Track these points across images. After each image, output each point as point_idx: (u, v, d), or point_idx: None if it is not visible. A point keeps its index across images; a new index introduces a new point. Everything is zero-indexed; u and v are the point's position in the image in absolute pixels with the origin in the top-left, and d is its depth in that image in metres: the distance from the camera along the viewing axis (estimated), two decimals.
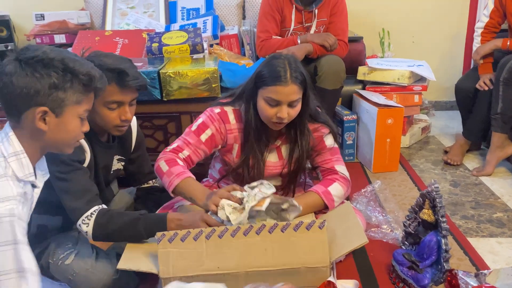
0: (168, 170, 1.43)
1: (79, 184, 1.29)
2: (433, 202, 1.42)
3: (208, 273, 1.20)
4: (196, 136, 1.51)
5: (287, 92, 1.38)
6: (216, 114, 1.52)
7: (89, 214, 1.28)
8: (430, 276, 1.39)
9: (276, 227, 1.24)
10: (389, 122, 2.28)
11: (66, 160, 1.28)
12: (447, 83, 3.32)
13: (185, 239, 1.24)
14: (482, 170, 2.30)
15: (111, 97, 1.30)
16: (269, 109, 1.41)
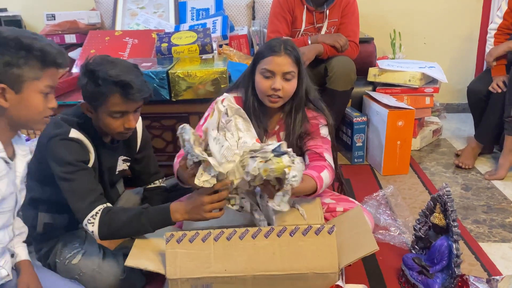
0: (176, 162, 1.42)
1: (84, 184, 1.29)
2: (444, 206, 1.39)
3: (215, 275, 1.19)
4: (199, 126, 1.52)
5: (280, 62, 1.45)
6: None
7: (94, 213, 1.28)
8: (440, 281, 1.36)
9: (285, 231, 1.24)
10: (399, 124, 2.25)
11: (72, 161, 1.29)
12: (459, 85, 3.27)
13: (193, 240, 1.23)
14: (494, 174, 2.26)
15: (115, 108, 1.30)
16: (265, 81, 1.47)
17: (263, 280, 1.19)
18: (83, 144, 1.33)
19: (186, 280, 1.20)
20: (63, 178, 1.29)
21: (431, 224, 1.45)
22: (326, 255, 1.21)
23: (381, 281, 1.49)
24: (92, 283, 1.34)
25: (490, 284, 1.37)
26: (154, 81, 1.93)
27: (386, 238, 1.71)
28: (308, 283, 1.20)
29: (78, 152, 1.31)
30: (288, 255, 1.21)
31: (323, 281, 1.20)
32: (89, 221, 1.28)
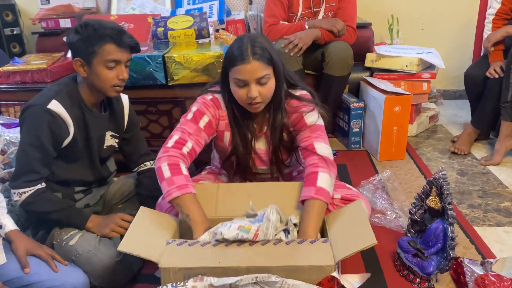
0: (169, 177, 1.33)
1: (34, 162, 1.35)
2: (440, 190, 1.40)
3: (209, 266, 1.18)
4: (194, 124, 1.44)
5: (250, 70, 1.33)
6: (209, 100, 1.48)
7: (25, 190, 1.35)
8: (435, 263, 1.37)
9: (281, 242, 1.24)
10: (396, 110, 2.25)
11: (39, 134, 1.33)
12: (456, 72, 3.27)
13: (192, 245, 1.23)
14: (490, 159, 2.27)
15: (110, 56, 1.35)
16: (239, 90, 1.38)
17: (256, 271, 1.16)
18: (59, 118, 1.36)
19: (179, 270, 1.18)
20: (22, 145, 1.36)
21: (427, 208, 1.46)
22: (321, 252, 1.20)
23: (377, 264, 1.50)
24: (88, 264, 1.35)
25: (484, 266, 1.39)
26: (150, 65, 1.92)
27: (382, 222, 1.73)
28: (304, 276, 1.18)
29: (50, 127, 1.35)
30: (282, 253, 1.21)
31: (319, 274, 1.18)
32: (18, 194, 1.35)
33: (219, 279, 1.13)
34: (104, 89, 1.41)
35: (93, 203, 1.55)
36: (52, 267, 1.28)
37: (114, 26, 1.37)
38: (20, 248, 1.27)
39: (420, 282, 1.39)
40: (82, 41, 1.34)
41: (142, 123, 2.04)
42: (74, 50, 1.38)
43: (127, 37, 1.37)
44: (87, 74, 1.39)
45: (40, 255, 1.29)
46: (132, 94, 1.96)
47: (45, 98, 1.36)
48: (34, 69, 2.04)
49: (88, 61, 1.36)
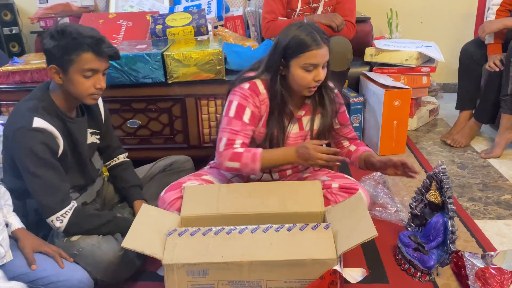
0: (240, 164, 1.45)
1: (52, 181, 1.31)
2: (440, 184, 1.40)
3: (211, 262, 1.19)
4: (238, 120, 1.49)
5: (323, 54, 1.44)
6: (247, 90, 1.51)
7: (64, 212, 1.33)
8: (436, 257, 1.38)
9: (283, 227, 1.26)
10: (396, 104, 2.25)
11: (39, 154, 1.29)
12: (456, 65, 3.24)
13: (194, 234, 1.25)
14: (490, 152, 2.27)
15: (87, 65, 1.32)
16: (307, 75, 1.45)
17: (260, 266, 1.19)
18: (47, 132, 1.32)
19: (182, 266, 1.20)
20: (30, 172, 1.30)
21: (427, 202, 1.46)
22: (324, 244, 1.22)
23: (378, 258, 1.51)
24: (91, 258, 1.35)
25: (485, 259, 1.39)
26: (149, 63, 1.92)
27: (383, 215, 1.73)
28: (306, 270, 1.20)
29: (43, 144, 1.30)
30: (286, 245, 1.22)
31: (321, 267, 1.19)
32: (57, 219, 1.32)
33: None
34: (81, 98, 1.38)
35: (90, 200, 1.55)
36: (59, 263, 1.29)
37: (93, 35, 1.32)
38: (27, 245, 1.29)
39: (421, 276, 1.39)
40: (59, 48, 1.30)
41: (142, 121, 2.05)
42: (50, 57, 1.33)
43: (106, 46, 1.33)
44: (63, 82, 1.35)
45: (47, 252, 1.30)
46: (132, 92, 2.00)
47: (26, 118, 1.30)
48: (34, 69, 2.04)
49: (64, 69, 1.32)
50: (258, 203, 1.41)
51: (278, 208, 1.40)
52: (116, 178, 1.67)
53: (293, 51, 1.45)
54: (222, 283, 1.22)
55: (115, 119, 2.02)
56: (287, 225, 1.27)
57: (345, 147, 1.69)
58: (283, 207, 1.40)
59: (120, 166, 1.67)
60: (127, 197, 1.64)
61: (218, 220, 1.37)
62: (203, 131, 2.06)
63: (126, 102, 2.02)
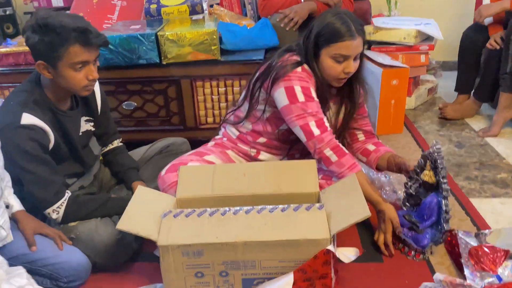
0: (337, 161, 1.43)
1: (45, 176, 1.32)
2: (434, 164, 1.40)
3: (206, 242, 1.20)
4: (311, 101, 1.44)
5: (356, 45, 1.40)
6: (302, 72, 1.46)
7: (59, 204, 1.34)
8: (429, 236, 1.39)
9: (277, 208, 1.27)
10: (394, 83, 2.23)
11: (29, 150, 1.28)
12: (455, 42, 3.18)
13: (189, 216, 1.25)
14: (488, 131, 2.27)
15: (76, 58, 1.27)
16: (337, 66, 1.43)
17: (254, 246, 1.20)
18: (37, 128, 1.30)
19: (177, 247, 1.21)
20: (21, 167, 1.30)
21: (421, 182, 1.46)
22: (318, 224, 1.22)
23: (373, 237, 1.52)
24: (89, 242, 1.37)
25: (478, 238, 1.40)
26: (143, 44, 1.89)
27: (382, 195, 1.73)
28: (300, 249, 1.21)
29: (33, 140, 1.29)
30: (280, 225, 1.23)
31: (315, 247, 1.20)
32: (53, 211, 1.35)
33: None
34: (74, 90, 1.35)
35: (87, 184, 1.55)
36: (59, 245, 1.31)
37: (78, 26, 1.24)
38: (28, 227, 1.30)
39: (415, 255, 1.41)
40: (44, 44, 1.24)
41: (138, 103, 2.04)
42: (36, 53, 1.28)
43: (93, 36, 1.27)
44: (53, 77, 1.31)
45: (48, 234, 1.33)
46: (126, 74, 1.98)
47: (14, 114, 1.28)
48: (27, 51, 2.01)
49: (53, 65, 1.27)
50: (253, 184, 1.41)
51: (273, 189, 1.40)
52: (111, 163, 1.67)
53: (325, 39, 1.41)
54: (217, 263, 1.24)
55: (110, 101, 2.00)
56: (281, 206, 1.28)
57: (359, 141, 1.67)
58: (278, 188, 1.40)
59: (114, 151, 1.67)
60: (125, 180, 1.64)
61: (214, 202, 1.38)
62: (199, 112, 2.05)
63: (121, 83, 2.00)
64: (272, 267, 1.24)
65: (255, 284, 1.27)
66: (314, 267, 1.21)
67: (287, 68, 1.45)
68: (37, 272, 1.28)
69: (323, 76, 1.47)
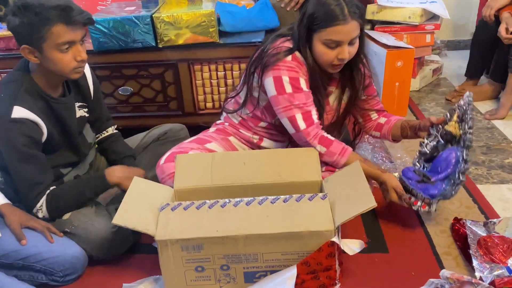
0: (326, 151, 1.41)
1: (31, 175, 1.28)
2: (462, 116, 1.32)
3: (206, 236, 1.16)
4: (299, 92, 1.38)
5: (348, 31, 1.30)
6: (292, 61, 1.39)
7: (40, 204, 1.30)
8: (440, 188, 1.32)
9: (279, 199, 1.23)
10: (398, 64, 2.16)
11: (18, 146, 1.24)
12: (461, 21, 3.13)
13: (187, 208, 1.21)
14: (495, 113, 2.20)
15: (61, 39, 1.20)
16: (330, 52, 1.34)
17: (255, 239, 1.16)
18: (29, 122, 1.24)
19: (176, 242, 1.16)
20: (11, 165, 1.27)
21: (444, 133, 1.38)
22: (321, 216, 1.18)
23: (377, 227, 1.48)
24: (84, 235, 1.33)
25: (487, 227, 1.36)
26: (138, 26, 1.82)
27: None
28: (303, 242, 1.17)
29: (24, 135, 1.24)
30: (282, 217, 1.19)
31: (318, 239, 1.15)
32: (37, 210, 1.31)
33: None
34: (64, 74, 1.28)
35: (83, 173, 1.51)
36: (48, 238, 1.28)
37: (59, 3, 1.18)
38: (14, 221, 1.26)
39: (421, 205, 1.35)
40: (25, 26, 1.18)
41: (134, 88, 1.97)
42: (19, 37, 1.22)
43: (76, 13, 1.20)
44: (40, 61, 1.24)
45: (35, 227, 1.28)
46: (122, 58, 1.91)
47: (5, 108, 1.22)
48: None
49: (38, 47, 1.21)
50: (253, 173, 1.37)
51: (274, 178, 1.36)
52: (106, 150, 1.61)
53: (316, 23, 1.32)
54: (218, 257, 1.20)
55: (106, 86, 1.95)
56: (283, 197, 1.24)
57: (372, 120, 1.62)
58: (279, 177, 1.36)
59: (110, 139, 1.61)
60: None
61: (213, 192, 1.33)
62: (197, 97, 1.99)
63: (116, 68, 1.94)
64: (274, 260, 1.20)
65: (257, 277, 1.24)
66: (318, 259, 1.18)
67: (277, 56, 1.39)
68: (31, 268, 1.25)
69: (316, 62, 1.40)
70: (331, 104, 1.52)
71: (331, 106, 1.52)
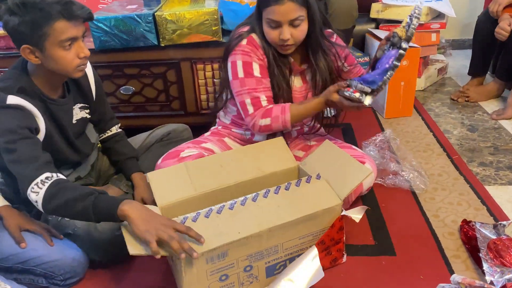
0: (271, 119, 1.41)
1: (27, 152, 1.16)
2: (410, 22, 1.29)
3: (231, 241, 1.11)
4: (251, 78, 1.41)
5: (284, 11, 1.32)
6: (246, 45, 1.42)
7: (39, 181, 1.14)
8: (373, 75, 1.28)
9: (280, 188, 1.26)
10: (404, 64, 2.13)
11: (13, 128, 1.16)
12: (467, 20, 3.09)
13: (196, 219, 1.15)
14: (502, 113, 2.17)
15: (64, 35, 1.17)
16: (272, 31, 1.37)
17: (277, 230, 1.16)
18: (25, 109, 1.19)
19: (201, 255, 1.07)
20: (5, 149, 1.17)
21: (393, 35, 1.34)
22: (325, 193, 1.25)
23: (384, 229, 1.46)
24: (87, 237, 1.30)
25: (496, 229, 1.33)
26: (140, 25, 1.79)
27: (396, 182, 1.67)
28: (318, 221, 1.22)
29: (19, 119, 1.18)
30: (291, 203, 1.22)
31: (330, 215, 1.23)
32: (32, 190, 1.13)
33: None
34: (67, 73, 1.24)
35: (85, 175, 1.48)
36: (47, 241, 1.25)
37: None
38: (12, 224, 1.24)
39: (353, 91, 1.30)
40: (26, 24, 1.13)
41: (136, 87, 1.95)
42: (19, 37, 1.16)
43: (77, 8, 1.17)
44: (41, 61, 1.20)
45: (34, 230, 1.26)
46: (123, 57, 1.89)
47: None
48: None
49: (39, 46, 1.16)
50: (233, 173, 1.35)
51: (255, 173, 1.36)
52: (110, 150, 1.58)
53: (260, 4, 1.37)
54: (241, 259, 1.16)
55: (107, 85, 1.92)
56: (283, 185, 1.27)
57: None
58: (259, 171, 1.36)
59: (113, 138, 1.58)
60: (124, 170, 1.56)
61: (200, 201, 1.28)
62: (200, 97, 1.96)
63: (118, 67, 1.91)
64: (293, 247, 1.23)
65: (277, 269, 1.23)
66: (331, 235, 1.24)
67: (234, 41, 1.44)
68: (31, 271, 1.22)
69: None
70: (307, 81, 1.51)
71: (307, 84, 1.52)
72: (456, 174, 1.72)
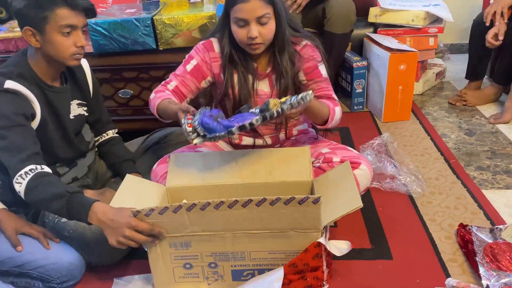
0: (153, 97, 1.43)
1: (17, 141, 1.20)
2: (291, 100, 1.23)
3: (194, 234, 1.16)
4: (182, 67, 1.50)
5: (250, 8, 1.32)
6: (201, 45, 1.50)
7: (23, 172, 1.16)
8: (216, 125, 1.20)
9: (265, 201, 1.11)
10: (401, 68, 2.14)
11: (7, 114, 1.21)
12: (464, 24, 3.09)
13: (163, 213, 1.14)
14: (499, 117, 2.17)
15: (64, 21, 1.24)
16: (240, 30, 1.37)
17: (243, 237, 1.15)
18: (22, 94, 1.24)
19: (164, 238, 1.17)
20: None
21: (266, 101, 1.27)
22: (309, 219, 1.13)
23: (381, 233, 1.46)
24: (82, 240, 1.30)
25: (493, 233, 1.33)
26: (138, 29, 1.80)
27: (393, 186, 1.67)
28: (289, 241, 1.16)
29: (15, 105, 1.22)
30: (268, 220, 1.14)
31: (304, 239, 1.15)
32: (16, 180, 1.16)
33: None
34: (63, 59, 1.29)
35: (81, 175, 1.48)
36: (44, 244, 1.25)
37: None
38: (9, 227, 1.24)
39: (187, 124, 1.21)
40: (31, 6, 1.21)
41: (135, 91, 1.95)
42: (22, 18, 1.24)
43: None
44: (41, 45, 1.26)
45: (31, 233, 1.26)
46: (122, 60, 1.89)
47: None
48: (18, 37, 1.92)
49: (40, 29, 1.23)
50: (244, 172, 1.36)
51: (265, 177, 1.35)
52: (106, 154, 1.59)
53: (227, 4, 1.38)
54: (205, 254, 1.20)
55: (106, 89, 1.93)
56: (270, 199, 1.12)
57: None
58: (271, 176, 1.35)
59: (110, 142, 1.59)
60: (120, 172, 1.57)
61: (204, 191, 1.34)
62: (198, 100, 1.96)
63: (116, 71, 1.91)
64: (261, 259, 1.21)
65: (244, 275, 1.23)
66: (305, 260, 1.17)
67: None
68: (28, 275, 1.22)
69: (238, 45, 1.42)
70: (274, 85, 1.48)
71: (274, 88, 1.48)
72: (453, 178, 1.73)
